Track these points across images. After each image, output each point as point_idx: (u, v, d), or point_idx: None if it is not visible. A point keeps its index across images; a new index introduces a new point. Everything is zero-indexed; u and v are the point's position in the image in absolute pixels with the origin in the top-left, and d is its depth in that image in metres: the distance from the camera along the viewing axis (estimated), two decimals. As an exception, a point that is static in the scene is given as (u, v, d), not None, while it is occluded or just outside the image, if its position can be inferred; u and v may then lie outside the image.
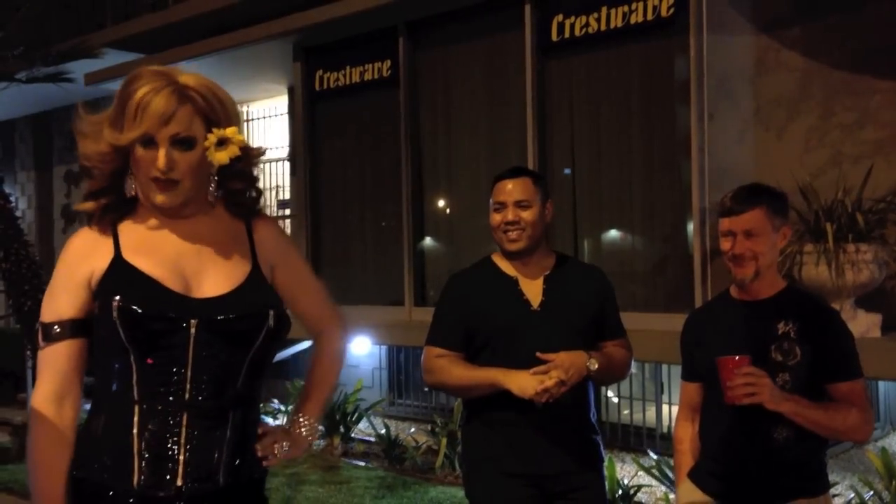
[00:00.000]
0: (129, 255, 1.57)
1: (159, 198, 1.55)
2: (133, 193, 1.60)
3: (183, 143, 1.54)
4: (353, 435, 6.03)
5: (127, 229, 1.61)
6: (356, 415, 6.00)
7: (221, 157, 1.56)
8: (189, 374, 1.52)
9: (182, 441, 1.52)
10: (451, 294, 2.47)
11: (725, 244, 2.17)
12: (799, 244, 4.05)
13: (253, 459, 1.63)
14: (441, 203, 6.09)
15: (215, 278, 1.59)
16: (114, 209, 1.61)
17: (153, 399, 1.52)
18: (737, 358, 2.04)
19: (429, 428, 5.72)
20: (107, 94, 8.28)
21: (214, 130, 1.56)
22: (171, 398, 1.52)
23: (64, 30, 7.72)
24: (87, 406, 1.60)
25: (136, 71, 1.57)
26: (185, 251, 1.60)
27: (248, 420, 1.61)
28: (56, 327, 1.55)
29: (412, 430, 6.20)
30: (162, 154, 1.52)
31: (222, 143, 1.56)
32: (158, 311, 1.50)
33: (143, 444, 1.51)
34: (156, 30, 7.47)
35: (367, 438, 6.01)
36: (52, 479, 1.54)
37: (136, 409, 1.52)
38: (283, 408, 6.34)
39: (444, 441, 5.28)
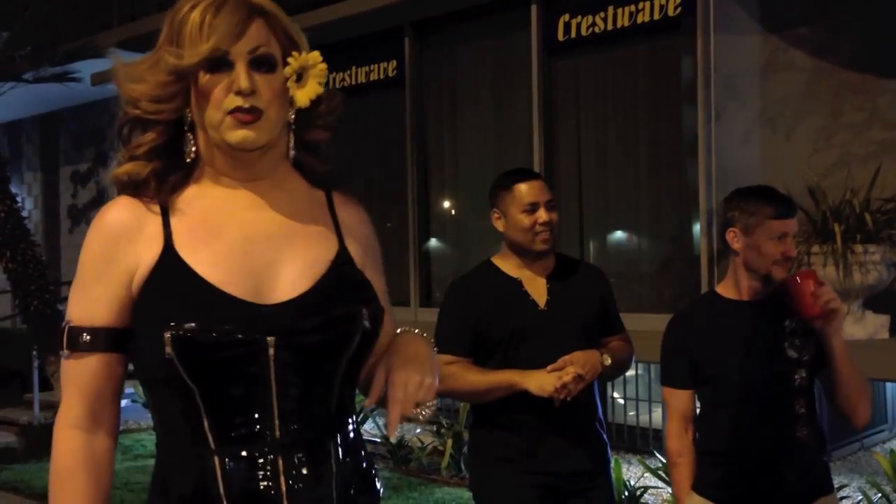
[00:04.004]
0: (182, 246, 1.20)
1: (239, 134, 1.17)
2: (192, 156, 1.23)
3: (263, 62, 1.19)
4: (358, 435, 6.01)
5: (179, 206, 1.23)
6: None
7: (304, 95, 1.22)
8: (275, 405, 1.17)
9: (284, 493, 1.17)
10: (455, 300, 2.45)
11: (780, 247, 2.13)
12: (806, 245, 4.03)
13: (364, 485, 1.29)
14: (447, 204, 6.08)
15: (293, 271, 1.21)
16: (165, 177, 1.23)
17: (236, 445, 1.17)
18: (807, 271, 2.07)
19: (434, 429, 5.71)
20: (113, 94, 8.30)
21: (294, 55, 1.21)
22: (258, 441, 1.17)
23: (71, 30, 7.73)
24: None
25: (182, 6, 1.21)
26: (254, 234, 1.22)
27: (349, 442, 1.27)
28: (86, 335, 1.20)
29: (417, 430, 6.19)
30: (242, 70, 1.17)
31: (300, 77, 1.22)
32: (227, 335, 1.14)
33: None
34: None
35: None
36: None
37: (217, 462, 1.17)
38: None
39: (450, 442, 5.27)
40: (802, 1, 4.70)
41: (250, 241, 1.22)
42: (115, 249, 1.20)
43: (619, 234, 5.22)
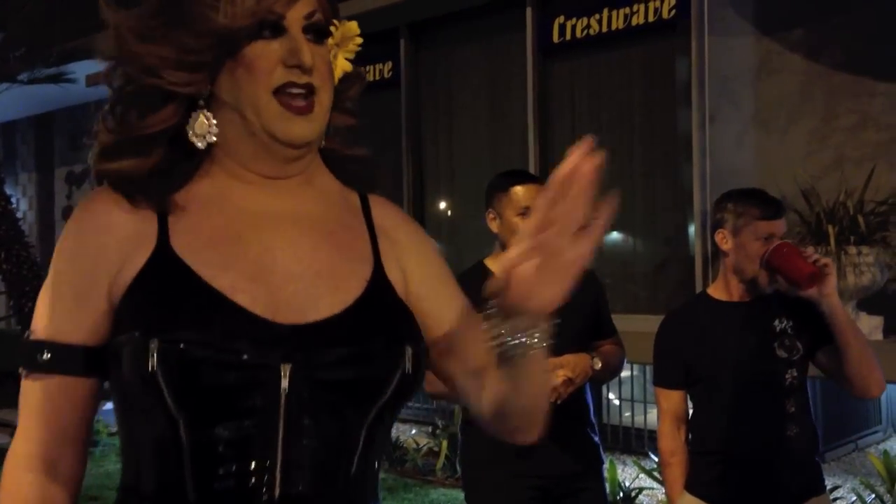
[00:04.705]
0: (181, 246, 0.94)
1: (293, 128, 0.94)
2: (207, 143, 0.97)
3: (318, 31, 0.97)
4: (353, 437, 6.01)
5: (181, 202, 0.97)
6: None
7: (342, 65, 1.03)
8: (280, 453, 0.90)
9: None
10: None
11: (767, 248, 2.14)
12: (801, 246, 4.04)
13: None
14: (443, 205, 6.08)
15: (320, 288, 0.95)
16: (168, 172, 0.97)
17: (221, 499, 0.90)
18: (781, 242, 2.09)
19: (429, 430, 5.71)
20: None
21: (335, 22, 1.01)
22: (250, 499, 0.90)
23: (66, 31, 7.72)
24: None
25: None
26: (275, 239, 0.96)
27: None
28: (46, 352, 0.94)
29: (413, 431, 6.19)
30: (301, 40, 0.94)
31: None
32: (230, 354, 0.89)
33: None
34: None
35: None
36: None
37: None
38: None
39: (445, 443, 5.27)
40: (796, 4, 4.72)
41: (269, 247, 0.95)
42: (96, 248, 0.94)
43: (614, 235, 5.23)
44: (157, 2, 0.96)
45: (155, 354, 0.87)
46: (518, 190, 2.39)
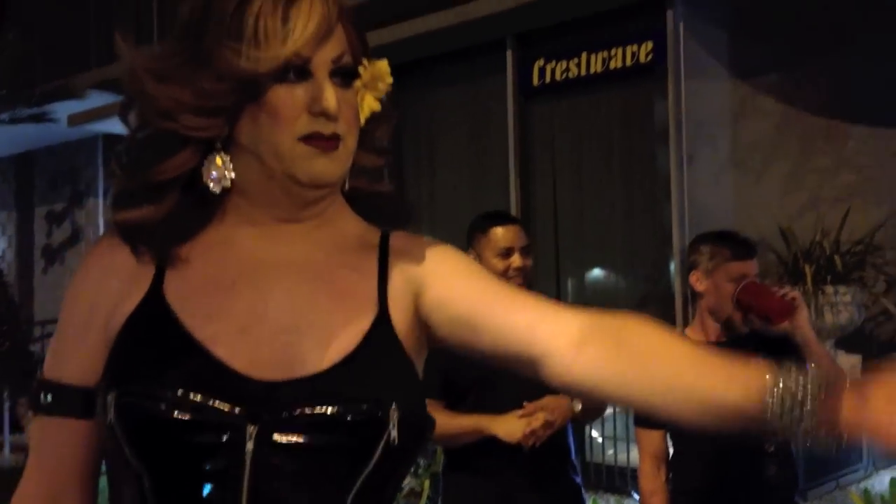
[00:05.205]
0: (171, 292, 0.90)
1: (317, 167, 0.89)
2: (222, 187, 0.91)
3: (346, 74, 0.92)
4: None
5: (185, 248, 0.93)
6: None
7: (370, 104, 0.96)
8: None
9: None
10: None
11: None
12: (778, 286, 4.09)
13: None
14: (424, 244, 6.11)
15: (310, 341, 0.88)
16: (178, 221, 0.92)
17: None
18: (749, 280, 2.10)
19: (411, 470, 5.67)
20: (90, 134, 8.29)
21: (365, 62, 0.95)
22: None
23: (49, 70, 7.75)
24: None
25: None
26: (270, 290, 0.91)
27: None
28: (50, 394, 0.93)
29: (394, 472, 6.14)
30: (328, 86, 0.88)
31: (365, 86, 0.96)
32: (187, 408, 0.82)
33: None
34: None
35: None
36: None
37: None
38: None
39: (427, 483, 5.23)
40: (770, 49, 4.83)
41: (263, 296, 0.90)
42: (95, 290, 0.93)
43: (594, 274, 5.27)
44: (175, 41, 0.91)
45: (112, 408, 0.84)
46: (497, 231, 2.41)
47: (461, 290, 0.95)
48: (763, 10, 4.72)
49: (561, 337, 0.90)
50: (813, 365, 0.73)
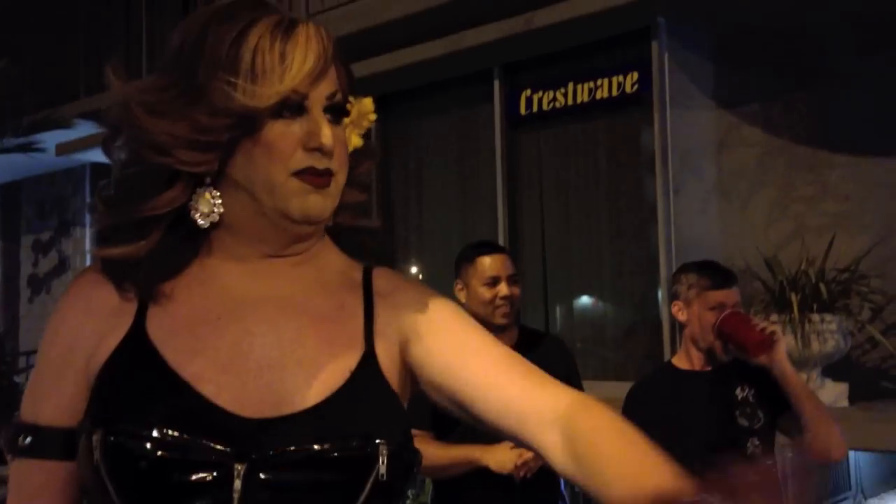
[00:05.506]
0: (154, 328, 0.89)
1: (309, 203, 0.89)
2: (210, 221, 0.91)
3: (338, 110, 0.94)
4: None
5: (168, 284, 0.92)
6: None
7: (354, 141, 1.00)
8: None
9: None
10: None
11: (717, 318, 2.19)
12: (765, 314, 4.11)
13: None
14: (413, 270, 6.10)
15: (299, 378, 0.88)
16: (162, 257, 0.91)
17: None
18: (732, 311, 2.10)
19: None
20: (78, 164, 8.28)
21: (352, 100, 0.98)
22: None
23: (37, 100, 7.75)
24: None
25: (219, 5, 0.91)
26: (256, 326, 0.90)
27: None
28: (27, 436, 0.90)
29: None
30: (323, 122, 0.90)
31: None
32: (174, 447, 0.81)
33: None
34: (129, 101, 7.51)
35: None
36: None
37: None
38: None
39: (415, 515, 5.19)
40: (755, 80, 4.89)
41: (249, 332, 0.89)
42: (75, 328, 0.91)
43: (582, 302, 5.27)
44: (166, 73, 0.90)
45: (98, 448, 0.82)
46: (484, 260, 2.43)
47: (449, 356, 0.94)
48: (747, 42, 4.79)
49: (542, 417, 0.91)
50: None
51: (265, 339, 0.89)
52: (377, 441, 0.85)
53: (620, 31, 4.82)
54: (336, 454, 0.84)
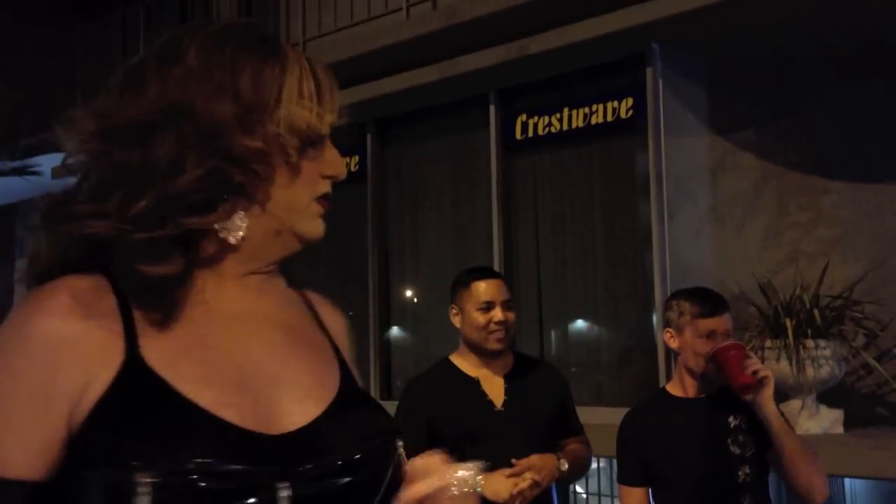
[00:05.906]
0: (153, 356, 0.83)
1: (320, 224, 0.96)
2: (239, 238, 0.90)
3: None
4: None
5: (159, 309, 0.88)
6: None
7: None
8: None
9: None
10: (412, 400, 2.46)
11: (709, 345, 2.19)
12: (760, 339, 4.11)
13: None
14: (408, 297, 6.10)
15: (298, 389, 0.90)
16: (184, 280, 0.88)
17: None
18: (733, 343, 2.10)
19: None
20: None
21: None
22: None
23: (33, 123, 7.77)
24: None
25: (281, 47, 0.93)
26: (252, 344, 0.91)
27: None
28: None
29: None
30: (336, 152, 0.97)
31: None
32: (229, 478, 0.79)
33: None
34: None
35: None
36: None
37: None
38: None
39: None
40: (748, 106, 4.93)
41: (248, 351, 0.89)
42: (52, 366, 0.80)
43: (577, 327, 5.27)
44: (214, 99, 0.88)
45: (148, 493, 0.75)
46: (479, 285, 2.43)
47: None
48: (740, 68, 4.83)
49: None
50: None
51: (262, 356, 0.90)
52: (394, 434, 0.92)
53: (615, 57, 4.86)
54: (361, 455, 0.87)
